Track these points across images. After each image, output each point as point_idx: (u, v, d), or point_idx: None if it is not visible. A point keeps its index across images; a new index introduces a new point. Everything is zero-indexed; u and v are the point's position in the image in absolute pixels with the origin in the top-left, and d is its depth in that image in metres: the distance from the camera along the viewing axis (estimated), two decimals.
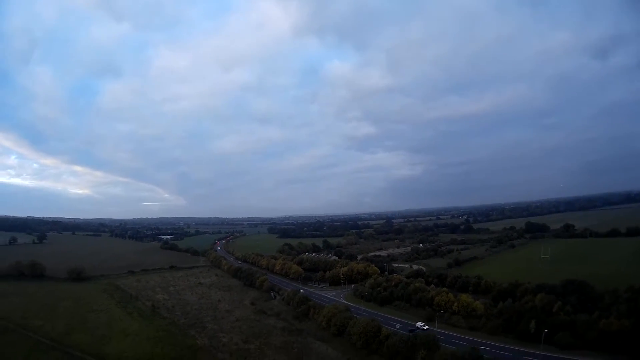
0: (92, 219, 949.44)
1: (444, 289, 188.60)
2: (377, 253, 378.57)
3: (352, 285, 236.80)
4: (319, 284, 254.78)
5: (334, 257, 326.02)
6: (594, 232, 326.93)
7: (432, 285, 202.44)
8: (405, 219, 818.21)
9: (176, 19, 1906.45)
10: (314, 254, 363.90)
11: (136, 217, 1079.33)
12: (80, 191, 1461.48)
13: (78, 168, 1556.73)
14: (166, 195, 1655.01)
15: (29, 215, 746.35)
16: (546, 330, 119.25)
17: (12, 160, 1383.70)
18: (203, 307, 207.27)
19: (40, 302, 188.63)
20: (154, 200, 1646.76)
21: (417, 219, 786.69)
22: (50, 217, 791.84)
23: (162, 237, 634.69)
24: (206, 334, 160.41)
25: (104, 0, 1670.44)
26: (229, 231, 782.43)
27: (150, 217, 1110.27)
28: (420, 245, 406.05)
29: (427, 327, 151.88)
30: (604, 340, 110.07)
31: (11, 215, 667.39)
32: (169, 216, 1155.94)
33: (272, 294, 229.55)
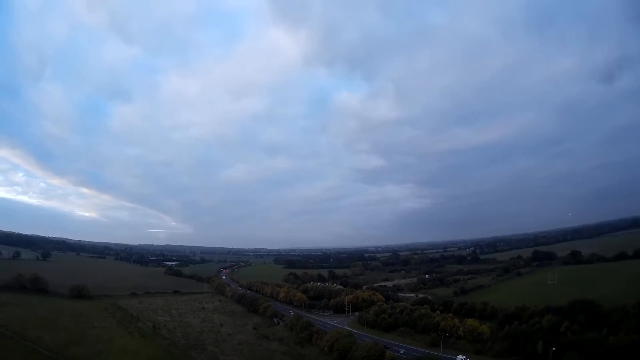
0: (97, 242, 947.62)
1: (450, 314, 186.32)
2: (383, 283, 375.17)
3: (357, 313, 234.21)
4: (323, 312, 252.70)
5: (339, 286, 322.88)
6: (601, 256, 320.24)
7: (438, 312, 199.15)
8: (412, 252, 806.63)
9: (187, 43, 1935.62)
10: (319, 283, 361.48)
11: (142, 243, 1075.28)
12: (86, 214, 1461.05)
13: (85, 190, 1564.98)
14: (173, 223, 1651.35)
15: (34, 233, 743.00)
16: (554, 349, 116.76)
17: (20, 177, 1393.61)
18: (205, 330, 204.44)
19: (40, 314, 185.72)
20: (161, 227, 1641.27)
21: (424, 251, 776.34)
22: (56, 237, 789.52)
23: (167, 263, 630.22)
24: (206, 355, 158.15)
25: (115, 21, 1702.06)
26: (235, 260, 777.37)
27: (156, 244, 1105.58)
28: (427, 275, 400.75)
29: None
30: (614, 356, 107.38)
31: (16, 231, 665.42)
32: (175, 244, 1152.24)
33: (276, 320, 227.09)
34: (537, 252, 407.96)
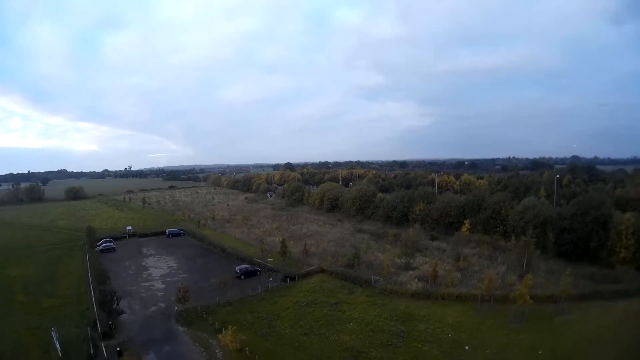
0: (100, 172, 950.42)
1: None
2: None
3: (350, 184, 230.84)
4: (317, 187, 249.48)
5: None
6: None
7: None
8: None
9: None
10: None
11: (143, 167, 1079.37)
12: (86, 147, 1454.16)
13: (83, 124, 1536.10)
14: (173, 146, 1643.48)
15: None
16: None
17: (17, 122, 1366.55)
18: (195, 202, 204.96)
19: (33, 210, 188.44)
20: (161, 151, 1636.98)
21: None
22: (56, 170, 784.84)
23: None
24: (195, 213, 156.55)
25: None
26: (235, 172, 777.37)
27: (157, 167, 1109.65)
28: None
29: None
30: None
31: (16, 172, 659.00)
32: (176, 165, 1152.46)
33: (268, 194, 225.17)
34: (536, 161, 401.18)
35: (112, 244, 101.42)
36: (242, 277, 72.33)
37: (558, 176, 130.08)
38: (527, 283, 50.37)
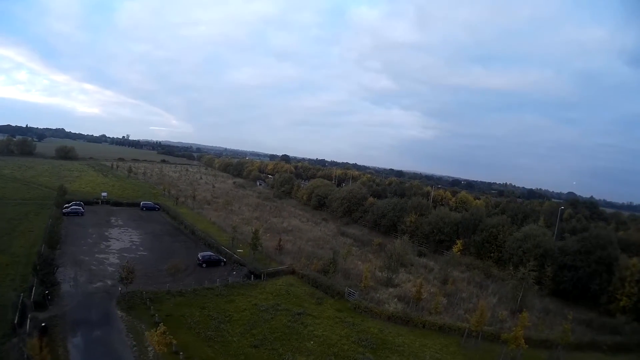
0: (98, 136, 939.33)
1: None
2: None
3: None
4: (308, 181, 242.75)
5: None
6: None
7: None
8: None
9: None
10: None
11: (142, 138, 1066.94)
12: (89, 110, 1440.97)
13: (89, 86, 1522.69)
14: (174, 121, 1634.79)
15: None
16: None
17: (23, 75, 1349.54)
18: (182, 179, 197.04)
19: (20, 164, 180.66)
20: (162, 125, 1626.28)
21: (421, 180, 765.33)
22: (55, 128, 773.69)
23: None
24: (175, 188, 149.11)
25: None
26: (231, 155, 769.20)
27: (155, 140, 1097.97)
28: None
29: None
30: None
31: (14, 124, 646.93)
32: (175, 140, 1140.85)
33: (258, 182, 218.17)
34: (533, 192, 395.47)
35: (80, 207, 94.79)
36: (204, 265, 64.70)
37: (562, 208, 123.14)
38: (524, 323, 43.04)
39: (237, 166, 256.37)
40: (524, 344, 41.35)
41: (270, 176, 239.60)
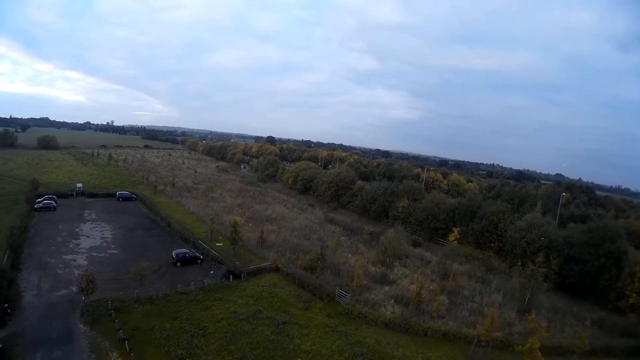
0: (82, 123, 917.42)
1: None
2: None
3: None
4: (294, 164, 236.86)
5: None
6: None
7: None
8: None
9: None
10: None
11: (127, 124, 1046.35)
12: (73, 97, 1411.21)
13: (72, 74, 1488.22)
14: (159, 105, 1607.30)
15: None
16: None
17: (6, 66, 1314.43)
18: (163, 164, 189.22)
19: None
20: (146, 109, 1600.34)
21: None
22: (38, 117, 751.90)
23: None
24: (157, 176, 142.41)
25: None
26: (217, 139, 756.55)
27: (140, 125, 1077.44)
28: None
29: None
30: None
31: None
32: (160, 125, 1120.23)
33: (242, 166, 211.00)
34: (521, 173, 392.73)
35: (53, 202, 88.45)
36: (179, 264, 58.30)
37: (564, 194, 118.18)
38: (541, 332, 37.77)
39: (220, 149, 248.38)
40: (540, 358, 36.08)
41: (254, 159, 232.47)
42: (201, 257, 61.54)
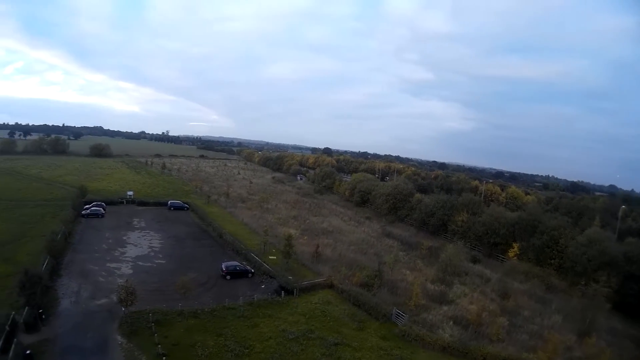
0: (137, 133, 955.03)
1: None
2: None
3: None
4: (350, 176, 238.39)
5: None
6: None
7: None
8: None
9: None
10: None
11: (182, 134, 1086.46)
12: (127, 107, 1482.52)
13: (125, 84, 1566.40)
14: (214, 116, 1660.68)
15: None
16: None
17: (59, 76, 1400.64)
18: (218, 174, 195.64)
19: (49, 163, 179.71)
20: (202, 120, 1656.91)
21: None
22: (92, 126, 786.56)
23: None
24: (210, 186, 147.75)
25: None
26: (272, 149, 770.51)
27: (196, 136, 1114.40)
28: None
29: None
30: None
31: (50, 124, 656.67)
32: (216, 135, 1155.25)
33: (299, 177, 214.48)
34: (575, 184, 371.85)
35: (101, 209, 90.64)
36: (228, 277, 58.64)
37: (624, 207, 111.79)
38: (602, 358, 36.81)
39: (276, 160, 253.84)
40: None
41: (311, 170, 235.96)
42: (252, 270, 61.71)
